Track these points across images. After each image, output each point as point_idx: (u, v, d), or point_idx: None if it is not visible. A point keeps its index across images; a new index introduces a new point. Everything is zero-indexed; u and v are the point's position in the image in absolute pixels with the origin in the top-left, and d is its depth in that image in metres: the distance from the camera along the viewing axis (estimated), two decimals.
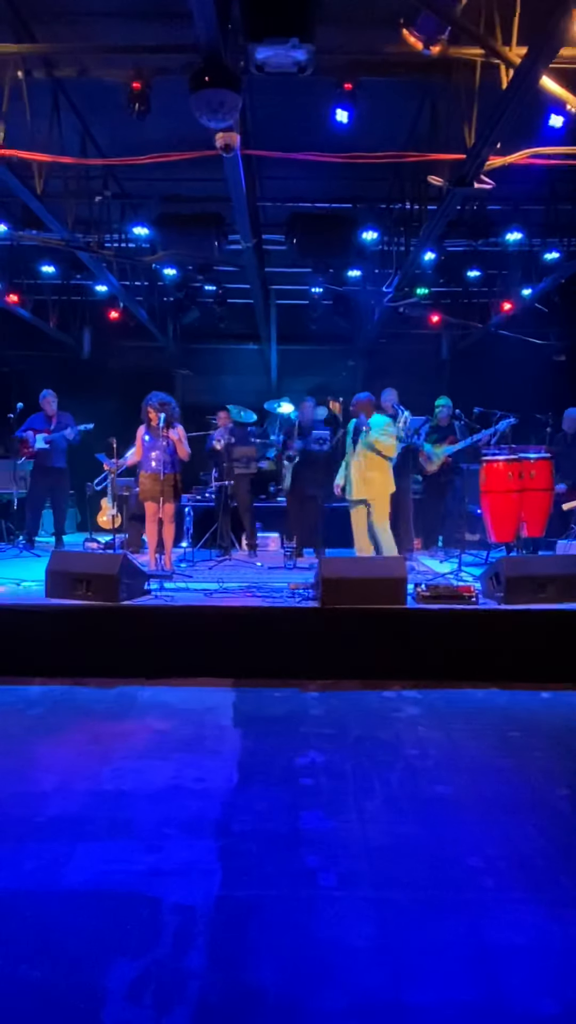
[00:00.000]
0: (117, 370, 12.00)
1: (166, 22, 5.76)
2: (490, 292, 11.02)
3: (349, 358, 12.83)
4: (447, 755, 3.80)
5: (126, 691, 4.82)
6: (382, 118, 6.66)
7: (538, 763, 3.71)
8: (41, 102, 6.43)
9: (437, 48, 5.12)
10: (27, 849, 2.88)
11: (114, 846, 2.90)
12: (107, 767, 3.63)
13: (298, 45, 4.71)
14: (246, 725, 4.22)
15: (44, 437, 8.32)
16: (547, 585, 5.39)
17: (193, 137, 6.06)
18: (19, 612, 5.31)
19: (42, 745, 3.96)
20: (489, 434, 7.39)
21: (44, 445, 8.33)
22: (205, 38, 4.76)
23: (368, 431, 6.71)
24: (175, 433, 6.84)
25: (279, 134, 7.09)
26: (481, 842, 2.93)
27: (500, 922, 2.42)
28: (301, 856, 2.83)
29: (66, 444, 8.48)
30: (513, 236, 8.65)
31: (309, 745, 3.91)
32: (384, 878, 2.68)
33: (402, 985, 2.14)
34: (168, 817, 3.13)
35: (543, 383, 10.23)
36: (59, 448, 8.45)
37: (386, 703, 4.64)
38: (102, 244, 8.91)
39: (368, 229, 8.57)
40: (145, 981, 2.14)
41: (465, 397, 8.12)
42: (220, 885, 2.63)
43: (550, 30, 4.51)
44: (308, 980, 2.16)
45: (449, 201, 6.73)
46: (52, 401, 8.50)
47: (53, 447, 8.38)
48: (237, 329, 12.36)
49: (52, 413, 8.48)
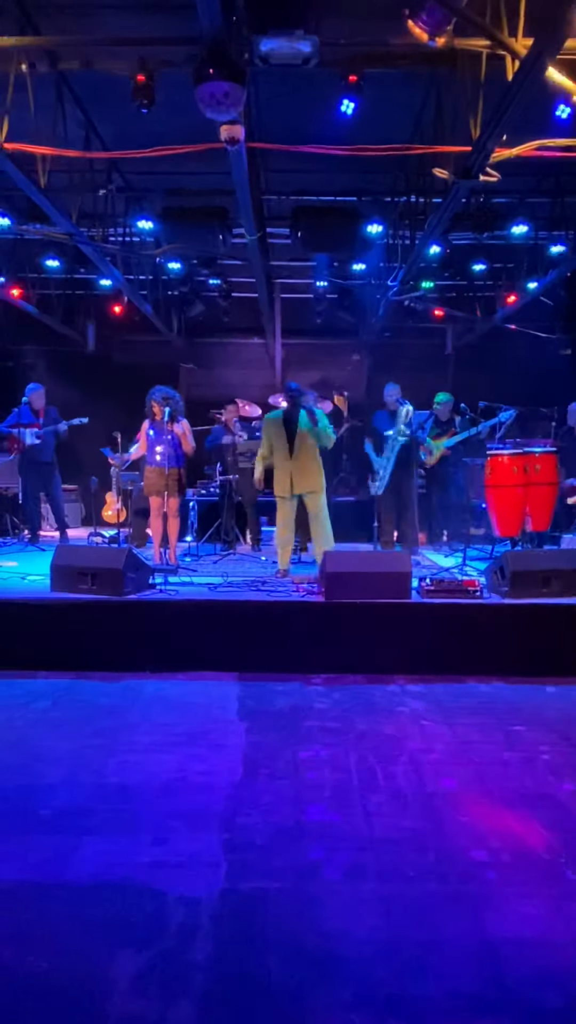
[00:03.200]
0: (121, 364, 12.01)
1: (170, 14, 5.73)
2: (495, 285, 10.97)
3: (354, 352, 12.80)
4: (451, 749, 3.80)
5: (131, 685, 4.83)
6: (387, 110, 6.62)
7: (543, 757, 3.70)
8: (45, 95, 6.41)
9: (442, 39, 5.08)
10: (32, 842, 2.89)
11: (119, 839, 2.91)
12: (112, 760, 3.64)
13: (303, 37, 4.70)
14: (250, 719, 4.23)
15: (35, 432, 8.24)
16: (552, 579, 5.38)
17: (197, 130, 6.04)
18: (24, 606, 5.33)
19: (47, 738, 3.97)
20: (489, 426, 7.37)
21: (35, 440, 8.25)
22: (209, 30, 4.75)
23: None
24: (180, 427, 6.84)
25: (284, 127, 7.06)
26: (485, 836, 2.93)
27: (504, 915, 2.42)
28: (306, 849, 2.83)
29: (55, 439, 8.41)
30: (519, 229, 8.61)
31: (313, 739, 3.92)
32: (389, 871, 2.69)
33: (406, 978, 2.14)
34: (173, 810, 3.14)
35: (549, 377, 10.20)
36: (49, 443, 8.38)
37: (390, 697, 4.64)
38: (106, 238, 8.90)
39: (373, 222, 8.53)
40: (151, 973, 2.15)
41: (470, 391, 8.10)
42: (225, 878, 2.64)
43: (556, 21, 4.48)
44: (313, 972, 2.16)
45: (454, 194, 6.70)
46: (42, 395, 8.44)
47: (44, 442, 8.31)
48: (242, 323, 12.34)
49: (40, 408, 8.41)
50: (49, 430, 8.31)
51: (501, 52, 5.33)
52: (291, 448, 6.63)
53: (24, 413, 8.35)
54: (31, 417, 8.35)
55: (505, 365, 11.10)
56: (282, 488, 6.70)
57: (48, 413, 8.41)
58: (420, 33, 5.01)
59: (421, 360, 11.95)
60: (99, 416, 8.56)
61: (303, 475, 6.62)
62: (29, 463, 8.37)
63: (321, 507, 6.73)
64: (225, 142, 5.72)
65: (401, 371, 9.16)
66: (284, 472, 6.66)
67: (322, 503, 6.73)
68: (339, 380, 11.87)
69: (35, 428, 8.28)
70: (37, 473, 8.42)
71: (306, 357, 12.83)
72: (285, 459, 6.64)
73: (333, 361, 12.76)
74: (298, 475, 6.62)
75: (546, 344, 11.28)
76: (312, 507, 6.71)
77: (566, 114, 5.59)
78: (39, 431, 8.27)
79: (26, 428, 8.24)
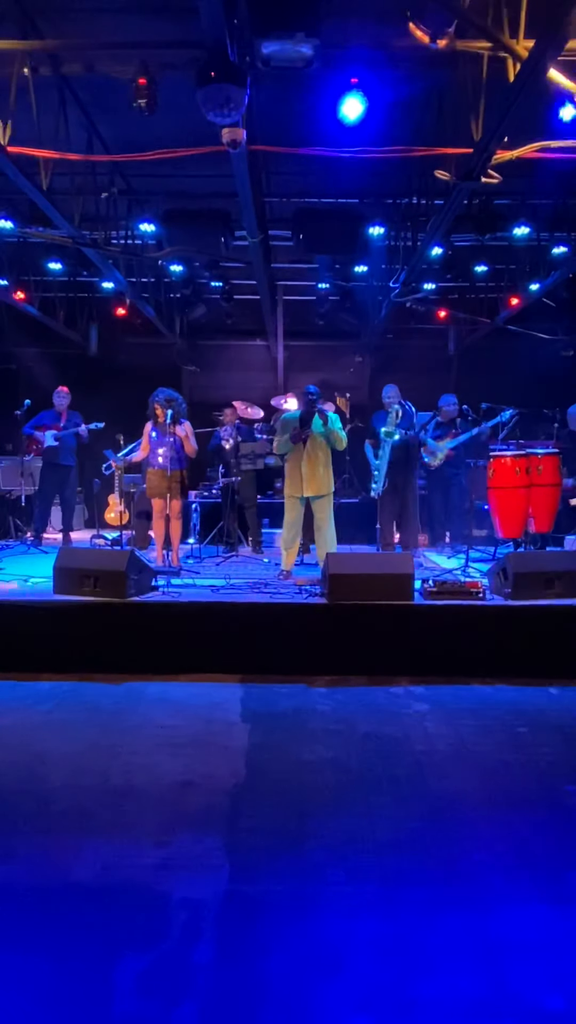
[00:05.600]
0: (124, 366, 12.03)
1: (172, 17, 5.74)
2: (498, 287, 10.97)
3: (356, 354, 12.81)
4: (455, 751, 3.80)
5: (134, 687, 4.83)
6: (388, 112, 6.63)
7: (546, 758, 3.70)
8: (47, 98, 6.42)
9: (444, 41, 5.09)
10: (36, 843, 2.89)
11: (123, 841, 2.91)
12: (115, 762, 3.64)
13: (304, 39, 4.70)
14: (254, 721, 4.22)
15: (54, 434, 8.33)
16: (555, 581, 5.37)
17: (199, 133, 6.05)
18: (27, 608, 5.33)
19: (51, 741, 3.97)
20: (490, 426, 7.36)
21: (54, 442, 8.34)
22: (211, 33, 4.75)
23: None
24: (182, 429, 6.84)
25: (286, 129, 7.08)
26: (488, 837, 2.93)
27: (507, 917, 2.42)
28: (309, 851, 2.83)
29: (75, 442, 8.48)
30: (521, 231, 8.60)
31: (317, 741, 3.92)
32: (392, 873, 2.68)
33: (409, 980, 2.14)
34: (176, 812, 3.14)
35: (551, 378, 10.19)
36: (68, 446, 8.45)
37: (393, 699, 4.63)
38: (109, 241, 8.92)
39: (375, 224, 8.53)
40: (154, 975, 2.15)
41: (473, 392, 8.10)
42: (228, 880, 2.64)
43: (558, 22, 4.48)
44: (316, 975, 2.16)
45: (456, 196, 6.70)
46: (66, 398, 8.50)
47: (62, 444, 8.38)
48: (244, 325, 12.35)
49: (63, 410, 8.48)
50: (68, 432, 8.35)
51: (503, 54, 5.33)
52: (304, 449, 6.66)
53: (48, 414, 8.44)
54: (54, 419, 8.41)
55: (508, 367, 11.10)
56: (293, 488, 6.73)
57: (70, 417, 8.46)
58: (422, 35, 5.02)
59: (423, 362, 11.96)
60: (102, 418, 8.58)
61: (313, 478, 6.65)
62: (47, 465, 8.46)
63: (328, 513, 6.75)
64: (227, 145, 5.73)
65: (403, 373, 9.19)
66: (296, 473, 6.69)
67: (329, 510, 6.76)
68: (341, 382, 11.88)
69: (55, 430, 8.33)
70: (54, 475, 8.48)
71: (308, 359, 12.84)
72: (298, 460, 6.67)
73: (335, 363, 12.76)
74: (308, 477, 6.65)
75: (548, 345, 11.28)
76: (319, 512, 6.72)
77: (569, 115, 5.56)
78: (58, 433, 8.32)
79: (46, 429, 8.30)
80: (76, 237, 8.02)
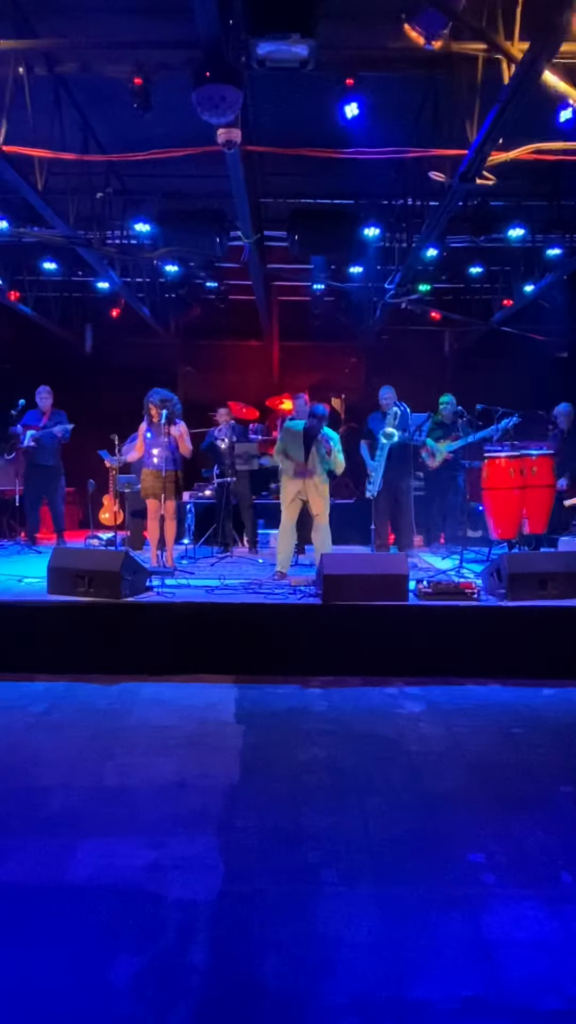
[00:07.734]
0: (119, 367, 11.99)
1: (168, 18, 5.74)
2: (492, 288, 11.00)
3: (351, 354, 12.82)
4: (449, 751, 3.80)
5: (128, 688, 4.83)
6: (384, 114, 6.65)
7: (540, 759, 3.71)
8: (42, 98, 6.42)
9: (439, 43, 5.11)
10: (30, 844, 2.88)
11: (117, 841, 2.91)
12: (110, 763, 3.64)
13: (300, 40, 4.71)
14: (248, 721, 4.22)
15: (32, 434, 8.13)
16: (549, 581, 5.39)
17: (195, 133, 6.06)
18: (21, 609, 5.32)
19: (45, 742, 3.97)
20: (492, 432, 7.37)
21: (31, 443, 8.14)
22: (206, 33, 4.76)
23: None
24: (177, 430, 6.83)
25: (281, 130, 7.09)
26: (483, 838, 2.93)
27: (501, 918, 2.42)
28: (303, 851, 2.83)
29: (55, 442, 8.24)
30: (515, 232, 8.63)
31: (311, 741, 3.91)
32: (386, 873, 2.69)
33: (403, 980, 2.14)
34: (171, 812, 3.13)
35: (545, 379, 10.23)
36: (47, 446, 8.20)
37: (388, 699, 4.64)
38: (104, 241, 8.90)
39: (370, 225, 8.55)
40: (148, 976, 2.15)
41: (467, 393, 8.11)
42: (223, 880, 2.64)
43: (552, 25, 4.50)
44: (310, 975, 2.16)
45: (451, 197, 6.72)
46: (47, 397, 8.32)
47: (41, 444, 8.16)
48: (239, 326, 12.35)
49: (46, 409, 8.30)
50: (45, 432, 8.16)
51: (497, 56, 5.36)
52: (304, 460, 6.68)
53: (33, 414, 8.27)
54: (37, 419, 8.27)
55: (502, 367, 11.12)
56: (289, 495, 6.75)
57: (53, 416, 8.28)
58: (417, 37, 5.03)
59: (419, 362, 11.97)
60: (96, 418, 8.53)
61: (312, 487, 6.68)
62: (29, 466, 8.30)
63: (324, 515, 6.77)
64: (222, 145, 5.74)
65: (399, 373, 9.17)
66: (293, 481, 6.71)
67: (325, 511, 6.78)
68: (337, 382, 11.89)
69: (34, 430, 8.20)
70: (37, 476, 8.30)
71: (304, 359, 12.85)
72: (296, 469, 6.69)
73: (331, 363, 12.78)
74: (307, 487, 6.68)
75: (543, 346, 11.31)
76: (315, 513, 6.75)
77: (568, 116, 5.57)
78: (36, 433, 8.18)
79: (28, 429, 8.19)
80: (71, 237, 8.02)
